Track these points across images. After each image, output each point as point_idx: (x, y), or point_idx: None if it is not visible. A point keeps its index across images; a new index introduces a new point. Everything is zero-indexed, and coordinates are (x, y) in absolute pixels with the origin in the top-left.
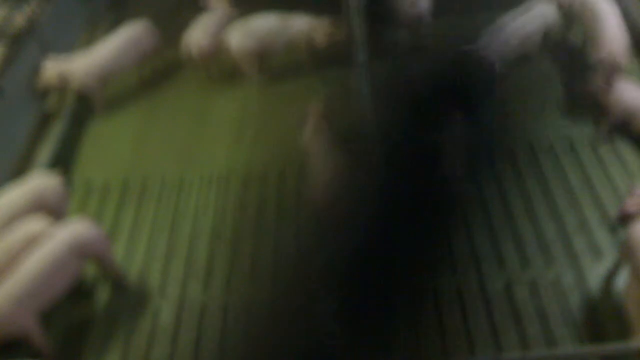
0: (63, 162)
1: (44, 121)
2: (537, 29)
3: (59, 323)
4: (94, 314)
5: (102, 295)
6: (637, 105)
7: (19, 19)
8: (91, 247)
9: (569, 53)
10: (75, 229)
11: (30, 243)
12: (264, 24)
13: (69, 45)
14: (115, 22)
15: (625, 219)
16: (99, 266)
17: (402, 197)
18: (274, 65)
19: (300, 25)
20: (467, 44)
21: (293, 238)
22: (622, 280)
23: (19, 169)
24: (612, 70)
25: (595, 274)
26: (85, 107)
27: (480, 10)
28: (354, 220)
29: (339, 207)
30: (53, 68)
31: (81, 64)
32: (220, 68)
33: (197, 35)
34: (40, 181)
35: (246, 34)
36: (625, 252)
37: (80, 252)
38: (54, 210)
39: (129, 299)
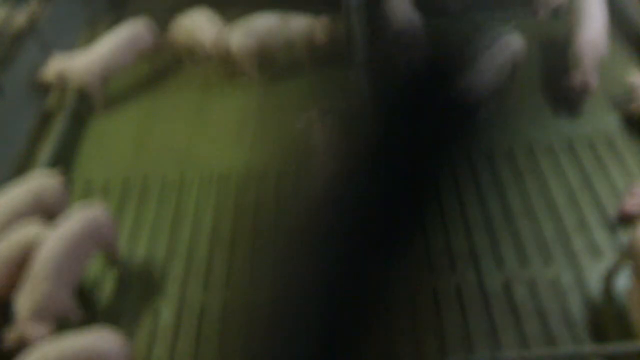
0: (63, 161)
1: (44, 120)
2: (507, 60)
3: (59, 323)
4: (94, 314)
5: (103, 295)
6: None
7: (19, 19)
8: (102, 231)
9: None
10: (89, 213)
11: (27, 247)
12: (264, 24)
13: (69, 44)
14: (115, 22)
15: (624, 218)
16: (105, 255)
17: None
18: (274, 65)
19: (300, 24)
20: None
21: (292, 238)
22: (622, 279)
23: (19, 168)
24: (584, 83)
25: (594, 273)
26: (85, 106)
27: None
28: (354, 213)
29: (338, 201)
30: (56, 65)
31: (81, 61)
32: (220, 68)
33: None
34: (40, 181)
35: (246, 33)
36: (629, 255)
37: (93, 234)
38: (54, 210)
39: (129, 299)
